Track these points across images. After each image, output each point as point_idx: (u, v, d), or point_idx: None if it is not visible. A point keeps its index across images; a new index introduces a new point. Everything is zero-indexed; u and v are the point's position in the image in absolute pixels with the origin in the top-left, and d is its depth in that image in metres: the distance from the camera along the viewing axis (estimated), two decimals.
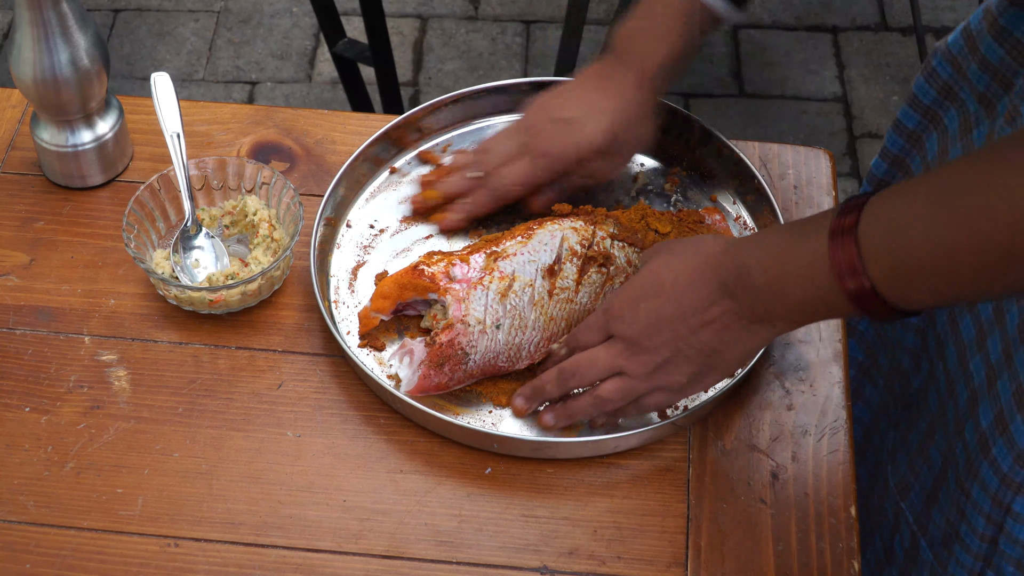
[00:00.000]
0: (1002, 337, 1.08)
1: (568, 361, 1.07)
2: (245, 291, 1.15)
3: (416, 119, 1.29)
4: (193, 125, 1.32)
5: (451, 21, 2.91)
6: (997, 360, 1.09)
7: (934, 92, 1.23)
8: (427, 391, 1.10)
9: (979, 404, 1.10)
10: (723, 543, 1.05)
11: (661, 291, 1.01)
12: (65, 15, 1.17)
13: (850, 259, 0.87)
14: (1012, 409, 1.05)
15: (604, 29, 2.81)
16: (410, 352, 1.10)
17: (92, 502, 1.06)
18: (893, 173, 1.32)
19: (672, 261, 1.02)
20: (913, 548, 1.22)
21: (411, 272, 1.12)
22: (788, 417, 1.12)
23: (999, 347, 1.08)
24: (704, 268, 0.99)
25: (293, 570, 1.03)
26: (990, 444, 1.08)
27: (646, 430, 1.07)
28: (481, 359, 1.10)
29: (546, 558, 1.04)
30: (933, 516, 1.19)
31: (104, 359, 1.15)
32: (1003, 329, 1.08)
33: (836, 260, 0.88)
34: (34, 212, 1.26)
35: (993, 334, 1.09)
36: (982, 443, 1.09)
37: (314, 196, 1.26)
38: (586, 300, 1.13)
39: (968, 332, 1.13)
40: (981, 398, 1.10)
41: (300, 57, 2.84)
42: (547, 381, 1.08)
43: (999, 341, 1.08)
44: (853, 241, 0.87)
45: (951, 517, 1.15)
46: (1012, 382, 1.06)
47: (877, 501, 1.30)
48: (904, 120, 1.28)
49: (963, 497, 1.12)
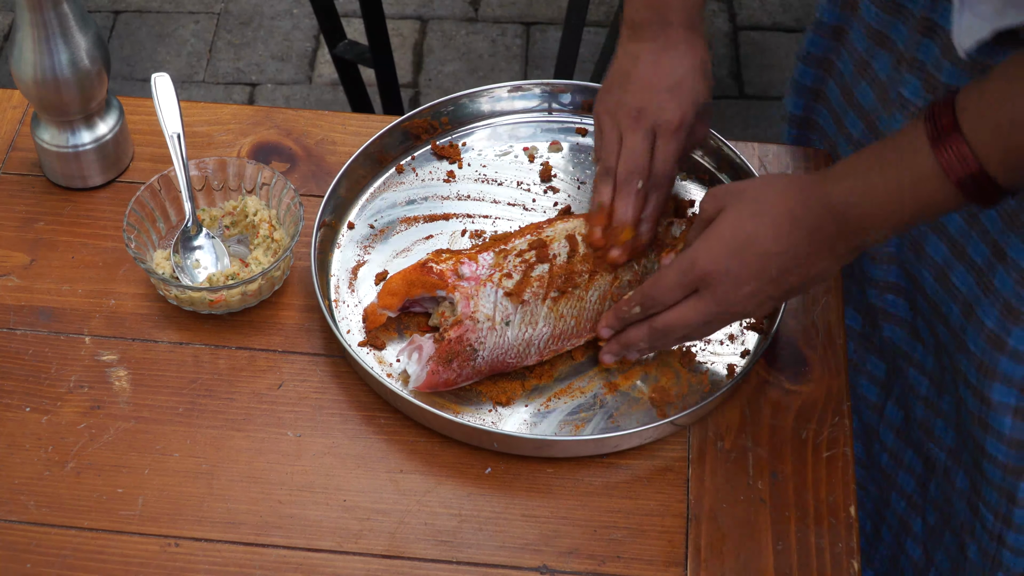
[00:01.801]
0: (984, 237, 1.10)
1: (659, 322, 1.07)
2: (245, 291, 1.15)
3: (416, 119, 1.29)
4: (193, 126, 1.32)
5: (451, 23, 2.91)
6: (985, 258, 1.11)
7: None
8: (435, 387, 1.10)
9: (976, 309, 1.13)
10: (723, 543, 1.05)
11: (752, 244, 1.02)
12: (66, 16, 1.17)
13: (962, 156, 0.92)
14: (1022, 296, 1.08)
15: (604, 31, 2.81)
16: (419, 348, 1.11)
17: (92, 502, 1.06)
18: (829, 45, 1.32)
19: (757, 210, 1.03)
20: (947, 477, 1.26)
21: (419, 269, 1.13)
22: (788, 417, 1.12)
23: (985, 247, 1.10)
24: (793, 215, 1.01)
25: (293, 570, 1.03)
26: (1004, 339, 1.10)
27: (646, 429, 1.07)
28: (490, 355, 1.10)
29: (546, 558, 1.04)
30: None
31: (105, 359, 1.15)
32: (983, 230, 1.10)
33: (947, 161, 0.92)
34: (35, 212, 1.26)
35: (971, 239, 1.12)
36: (993, 342, 1.11)
37: (314, 197, 1.26)
38: (596, 297, 1.13)
39: (938, 251, 1.16)
40: (976, 302, 1.12)
41: (300, 59, 2.84)
42: (639, 338, 1.09)
43: (981, 242, 1.11)
44: (960, 138, 0.92)
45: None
46: (1012, 272, 1.08)
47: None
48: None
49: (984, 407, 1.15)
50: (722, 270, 1.02)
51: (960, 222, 1.13)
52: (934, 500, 1.31)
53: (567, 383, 1.14)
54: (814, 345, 1.16)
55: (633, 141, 1.14)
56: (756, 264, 1.02)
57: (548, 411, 1.12)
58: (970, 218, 1.12)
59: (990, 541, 1.20)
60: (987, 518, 1.20)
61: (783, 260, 1.02)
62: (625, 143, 1.14)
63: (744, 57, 2.83)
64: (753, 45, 2.86)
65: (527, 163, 1.30)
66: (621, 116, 1.15)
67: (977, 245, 1.12)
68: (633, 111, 1.14)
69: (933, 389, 1.26)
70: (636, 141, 1.14)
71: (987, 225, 1.11)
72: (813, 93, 1.35)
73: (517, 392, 1.13)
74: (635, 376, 1.14)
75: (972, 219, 1.12)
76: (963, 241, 1.14)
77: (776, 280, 1.03)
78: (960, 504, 1.26)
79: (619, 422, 1.11)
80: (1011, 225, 1.08)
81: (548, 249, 1.13)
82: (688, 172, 1.29)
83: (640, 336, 1.09)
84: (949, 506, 1.28)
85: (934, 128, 0.93)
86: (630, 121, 1.14)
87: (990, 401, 1.14)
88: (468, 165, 1.29)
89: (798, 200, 1.01)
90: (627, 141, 1.14)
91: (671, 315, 1.06)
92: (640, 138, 1.14)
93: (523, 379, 1.13)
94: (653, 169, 1.14)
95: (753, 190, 1.05)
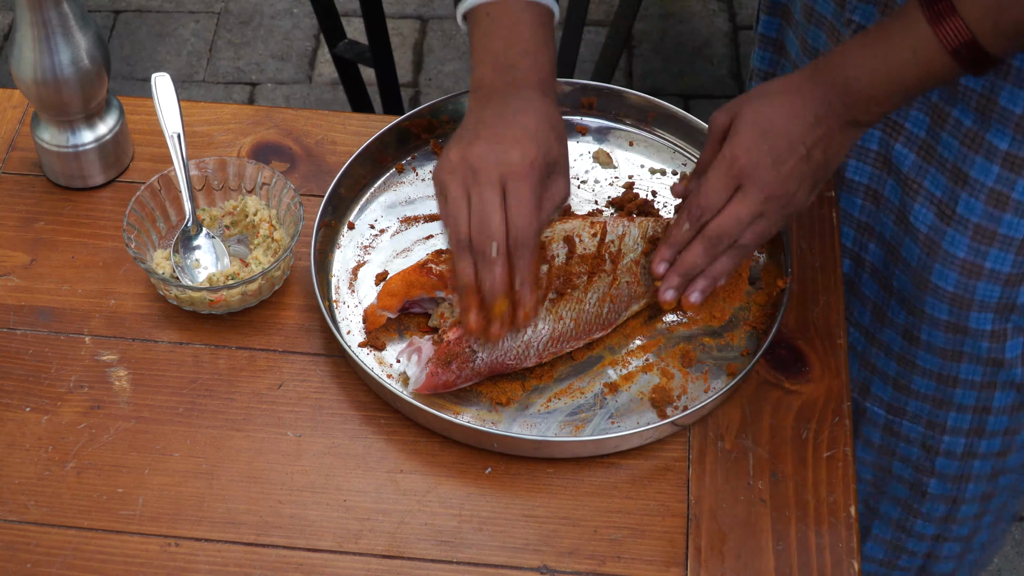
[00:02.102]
0: (942, 167, 1.20)
1: (711, 228, 1.08)
2: (245, 291, 1.15)
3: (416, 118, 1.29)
4: (193, 125, 1.32)
5: (451, 22, 2.91)
6: (945, 190, 1.20)
7: None
8: (435, 389, 1.10)
9: (941, 244, 1.22)
10: (723, 543, 1.05)
11: (776, 126, 1.07)
12: (66, 16, 1.17)
13: (957, 28, 1.01)
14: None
15: (604, 30, 2.81)
16: (418, 350, 1.11)
17: (93, 502, 1.06)
18: (777, 23, 1.39)
19: (771, 100, 1.09)
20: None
21: (419, 270, 1.13)
22: (788, 417, 1.12)
23: (943, 177, 1.20)
24: (803, 96, 1.08)
25: (293, 570, 1.03)
26: (981, 263, 1.21)
27: (646, 430, 1.07)
28: (489, 357, 1.10)
29: (546, 558, 1.04)
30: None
31: (105, 359, 1.15)
32: (940, 161, 1.20)
33: (944, 33, 1.02)
34: (35, 212, 1.26)
35: (927, 173, 1.21)
36: (967, 271, 1.22)
37: (314, 196, 1.26)
38: (595, 299, 1.13)
39: (895, 193, 1.25)
40: (940, 237, 1.22)
41: (300, 58, 2.84)
42: (695, 255, 1.09)
43: (940, 174, 1.21)
44: (955, 14, 1.01)
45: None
46: (980, 194, 1.18)
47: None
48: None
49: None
50: (761, 154, 1.06)
51: (913, 157, 1.21)
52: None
53: (567, 383, 1.14)
54: (814, 345, 1.16)
55: (481, 198, 1.03)
56: (786, 143, 1.07)
57: (548, 412, 1.12)
58: (926, 151, 1.21)
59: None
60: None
61: (807, 135, 1.07)
62: (473, 203, 1.04)
63: (744, 57, 2.83)
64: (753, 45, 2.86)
65: None
66: (464, 174, 1.05)
67: (935, 177, 1.21)
68: (476, 166, 1.04)
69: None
70: (485, 197, 1.03)
71: (942, 152, 1.19)
72: (776, 45, 1.41)
73: (517, 393, 1.13)
74: (635, 376, 1.14)
75: (928, 152, 1.20)
76: (919, 178, 1.22)
77: (807, 156, 1.08)
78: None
79: (619, 423, 1.11)
80: (972, 146, 1.16)
81: (546, 251, 1.13)
82: (687, 172, 1.29)
83: (696, 254, 1.09)
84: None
85: (930, 7, 1.02)
86: (474, 177, 1.04)
87: (967, 329, 1.24)
88: None
89: (805, 82, 1.09)
90: (474, 200, 1.04)
91: (721, 217, 1.08)
92: (489, 192, 1.03)
93: (523, 380, 1.13)
94: (510, 224, 1.03)
95: (760, 88, 1.11)
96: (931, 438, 1.36)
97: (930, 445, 1.36)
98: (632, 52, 2.83)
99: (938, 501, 1.41)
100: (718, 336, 1.17)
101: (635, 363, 1.15)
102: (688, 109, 2.69)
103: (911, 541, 1.47)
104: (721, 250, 1.09)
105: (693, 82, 2.78)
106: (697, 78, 2.79)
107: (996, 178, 1.16)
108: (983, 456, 1.36)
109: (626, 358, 1.15)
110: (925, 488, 1.40)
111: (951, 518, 1.43)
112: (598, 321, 1.13)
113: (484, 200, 1.03)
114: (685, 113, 1.29)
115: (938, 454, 1.36)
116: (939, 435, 1.35)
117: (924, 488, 1.40)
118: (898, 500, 1.44)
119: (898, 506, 1.45)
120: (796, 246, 1.23)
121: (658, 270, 1.11)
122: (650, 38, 2.87)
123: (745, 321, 1.17)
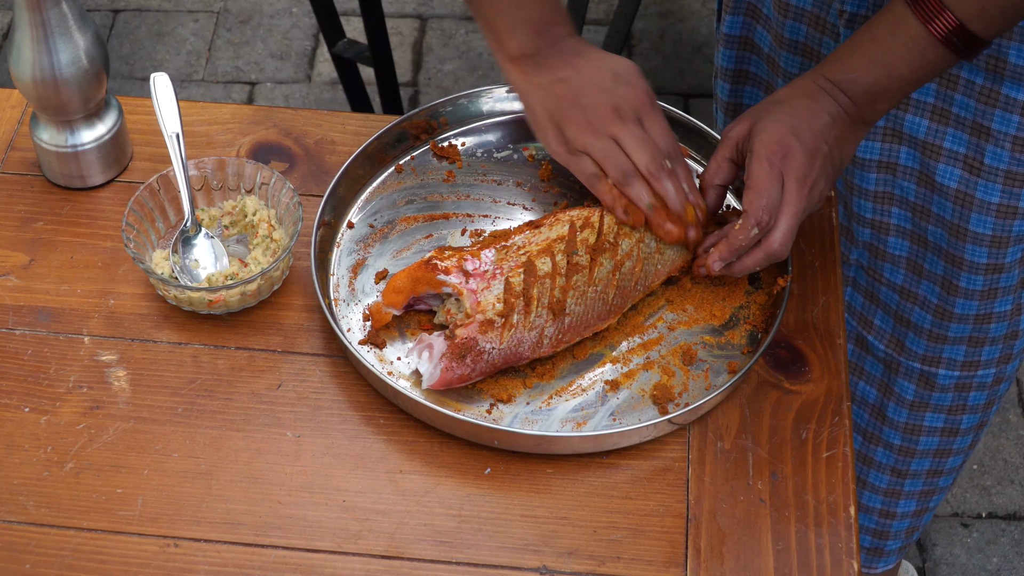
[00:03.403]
0: (960, 125, 1.24)
1: (778, 242, 1.10)
2: (244, 291, 1.15)
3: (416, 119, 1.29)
4: (192, 125, 1.32)
5: (451, 21, 2.91)
6: (967, 144, 1.24)
7: None
8: (450, 384, 1.10)
9: (976, 193, 1.26)
10: (723, 543, 1.05)
11: (799, 124, 1.10)
12: (65, 15, 1.17)
13: (944, 18, 1.06)
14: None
15: (604, 29, 2.81)
16: (429, 347, 1.10)
17: (92, 502, 1.06)
18: (748, 23, 1.42)
19: (791, 105, 1.12)
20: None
21: (424, 266, 1.12)
22: (788, 417, 1.12)
23: (964, 133, 1.24)
24: (815, 98, 1.12)
25: (292, 570, 1.03)
26: (1016, 204, 1.26)
27: (645, 427, 1.07)
28: (505, 348, 1.10)
29: (546, 558, 1.04)
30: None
31: (104, 359, 1.15)
32: (957, 121, 1.24)
33: (932, 25, 1.06)
34: (34, 212, 1.26)
35: (945, 135, 1.25)
36: (1003, 213, 1.26)
37: (314, 196, 1.26)
38: (600, 287, 1.13)
39: (912, 159, 1.29)
40: (972, 188, 1.26)
41: (299, 57, 2.84)
42: (753, 265, 1.12)
43: (960, 131, 1.24)
44: (942, 7, 1.05)
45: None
46: (1005, 143, 1.22)
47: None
48: None
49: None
50: (796, 146, 1.09)
51: (927, 123, 1.25)
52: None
53: (568, 380, 1.14)
54: (814, 345, 1.16)
55: (631, 135, 1.13)
56: (812, 140, 1.10)
57: (549, 408, 1.12)
58: (940, 114, 1.24)
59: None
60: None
61: (827, 134, 1.11)
62: (625, 141, 1.13)
63: None
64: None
65: (526, 163, 1.30)
66: (600, 120, 1.14)
67: (955, 135, 1.24)
68: (605, 112, 1.13)
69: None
70: (634, 133, 1.14)
71: (958, 112, 1.23)
72: (742, 42, 1.43)
73: (518, 390, 1.13)
74: (636, 374, 1.14)
75: (942, 115, 1.24)
76: (938, 140, 1.25)
77: (830, 155, 1.11)
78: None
79: (620, 420, 1.11)
80: (988, 101, 1.20)
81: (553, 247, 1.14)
82: None
83: (755, 262, 1.12)
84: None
85: (917, 9, 1.07)
86: (615, 118, 1.13)
87: (1002, 266, 1.30)
88: (467, 165, 1.29)
89: (812, 87, 1.12)
90: (626, 138, 1.13)
91: (782, 225, 1.10)
92: (635, 129, 1.14)
93: (524, 377, 1.13)
94: (662, 146, 1.15)
95: (770, 97, 1.14)
96: (966, 377, 1.41)
97: (964, 384, 1.42)
98: (631, 51, 2.83)
99: (968, 433, 1.48)
100: (719, 334, 1.17)
101: (636, 361, 1.15)
102: (687, 108, 2.70)
103: (942, 479, 1.55)
104: (780, 257, 1.13)
105: (693, 81, 2.78)
106: (697, 77, 2.78)
107: (1018, 126, 1.20)
108: (1008, 378, 1.45)
109: (627, 356, 1.15)
110: (958, 426, 1.47)
111: (975, 442, 1.51)
112: (606, 308, 1.14)
113: (635, 136, 1.13)
114: (684, 115, 1.28)
115: (971, 389, 1.42)
116: (973, 372, 1.40)
117: (958, 426, 1.47)
118: (928, 452, 1.50)
119: (928, 457, 1.51)
120: (796, 246, 1.23)
121: (714, 268, 1.13)
122: (650, 37, 2.87)
123: (745, 320, 1.17)
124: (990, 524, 2.14)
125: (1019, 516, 2.15)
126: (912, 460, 1.52)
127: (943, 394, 1.43)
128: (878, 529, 1.61)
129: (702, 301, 1.19)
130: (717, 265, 1.13)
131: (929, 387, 1.43)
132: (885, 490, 1.56)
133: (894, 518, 1.60)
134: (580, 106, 1.13)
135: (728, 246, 1.11)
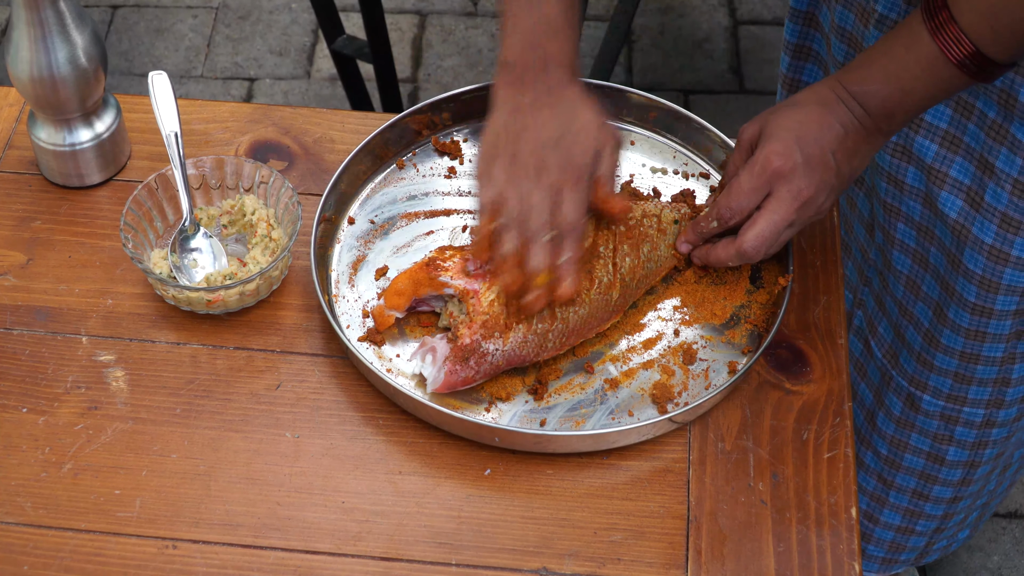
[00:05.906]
0: (968, 155, 1.22)
1: (749, 242, 1.10)
2: (243, 291, 1.15)
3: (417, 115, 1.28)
4: (191, 124, 1.32)
5: (450, 17, 2.90)
6: (972, 176, 1.22)
7: None
8: (454, 387, 1.10)
9: (971, 228, 1.24)
10: (723, 544, 1.04)
11: (807, 135, 1.09)
12: (63, 14, 1.17)
13: (958, 39, 1.03)
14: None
15: (604, 25, 2.80)
16: (432, 350, 1.10)
17: (90, 503, 1.06)
18: (807, 32, 1.42)
19: (797, 112, 1.11)
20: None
21: (425, 268, 1.12)
22: (788, 417, 1.11)
23: (971, 165, 1.22)
24: (830, 107, 1.11)
25: (291, 572, 1.03)
26: (1007, 251, 1.23)
27: (645, 425, 1.07)
28: (509, 349, 1.09)
29: (545, 560, 1.04)
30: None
31: (102, 359, 1.15)
32: (966, 149, 1.22)
33: (945, 45, 1.04)
34: (31, 211, 1.25)
35: (952, 162, 1.23)
36: (995, 257, 1.24)
37: (313, 195, 1.25)
38: (605, 283, 1.13)
39: (918, 180, 1.28)
40: (970, 222, 1.24)
41: (299, 53, 2.83)
42: (727, 259, 1.13)
43: (967, 161, 1.22)
44: (954, 24, 1.03)
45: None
46: (1005, 184, 1.19)
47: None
48: None
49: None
50: (795, 160, 1.08)
51: (936, 148, 1.23)
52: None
53: (568, 379, 1.13)
54: (815, 345, 1.16)
55: (537, 198, 1.08)
56: (818, 151, 1.09)
57: (549, 407, 1.11)
58: (950, 141, 1.22)
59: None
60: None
61: (836, 146, 1.10)
62: (525, 197, 1.09)
63: (744, 52, 2.82)
64: (753, 40, 2.86)
65: None
66: (516, 172, 1.09)
67: (962, 165, 1.22)
68: (527, 162, 1.09)
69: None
70: (539, 198, 1.08)
71: (969, 142, 1.21)
72: (807, 17, 1.42)
73: (518, 388, 1.12)
74: (636, 373, 1.13)
75: (952, 142, 1.22)
76: (944, 167, 1.23)
77: (836, 167, 1.10)
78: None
79: (620, 419, 1.10)
80: (997, 138, 1.18)
81: None
82: (687, 172, 1.28)
83: (727, 256, 1.13)
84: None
85: (930, 18, 1.04)
86: (526, 174, 1.09)
87: (992, 311, 1.27)
88: (469, 161, 1.29)
89: (829, 95, 1.11)
90: (530, 196, 1.08)
91: (757, 228, 1.10)
92: (543, 195, 1.08)
93: (524, 376, 1.13)
94: (562, 219, 1.09)
95: (787, 100, 1.13)
96: (951, 410, 1.40)
97: (949, 416, 1.40)
98: (632, 47, 2.82)
99: (956, 467, 1.46)
100: (719, 334, 1.16)
101: (636, 360, 1.15)
102: (688, 104, 2.70)
103: (928, 505, 1.53)
104: (753, 257, 1.12)
105: (693, 77, 2.77)
106: (697, 73, 2.78)
107: (1020, 170, 1.18)
108: (1001, 424, 1.41)
109: (627, 354, 1.15)
110: (944, 455, 1.45)
111: (967, 480, 1.49)
112: (609, 307, 1.13)
113: (539, 202, 1.08)
114: (686, 112, 1.28)
115: (957, 423, 1.41)
116: (959, 407, 1.39)
117: (943, 455, 1.45)
118: (913, 471, 1.49)
119: (913, 477, 1.50)
120: (797, 246, 1.22)
121: (682, 249, 1.17)
122: (650, 33, 2.86)
123: (746, 319, 1.17)
124: (991, 523, 2.13)
125: (1020, 515, 2.15)
126: (898, 473, 1.51)
127: (928, 419, 1.42)
128: (860, 530, 1.61)
129: (703, 300, 1.18)
130: (684, 247, 1.17)
131: (914, 409, 1.42)
132: (871, 493, 1.56)
133: (877, 524, 1.59)
134: (515, 148, 1.10)
135: (692, 229, 1.16)
